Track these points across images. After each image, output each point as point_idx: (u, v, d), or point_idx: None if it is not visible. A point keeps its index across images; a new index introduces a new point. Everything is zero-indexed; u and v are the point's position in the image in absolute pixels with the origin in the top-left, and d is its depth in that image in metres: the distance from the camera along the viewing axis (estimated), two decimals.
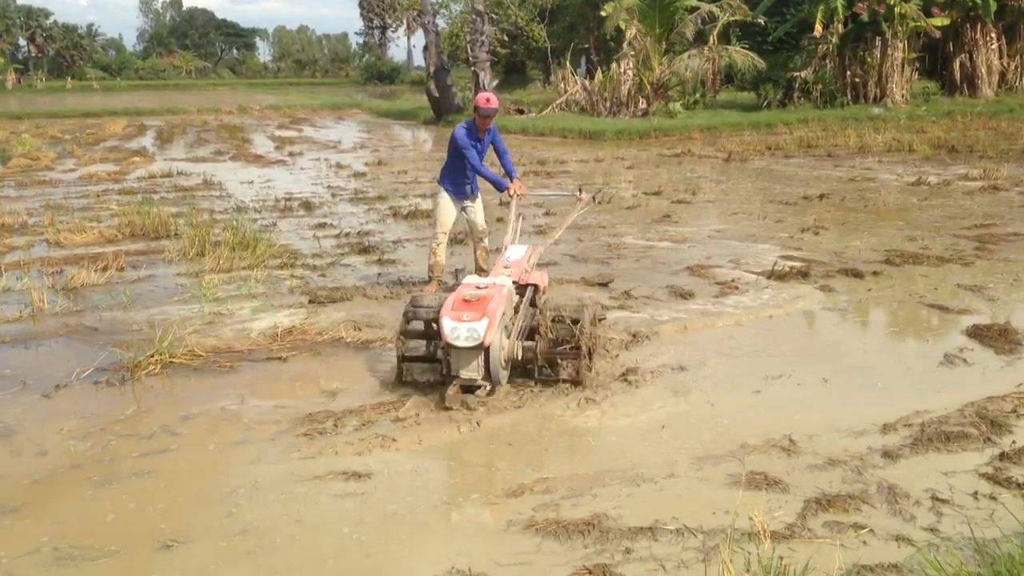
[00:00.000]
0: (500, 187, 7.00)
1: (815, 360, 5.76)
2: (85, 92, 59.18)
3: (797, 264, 8.21)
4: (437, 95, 29.24)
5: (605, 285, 7.64)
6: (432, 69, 29.09)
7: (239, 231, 9.50)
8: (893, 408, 4.87)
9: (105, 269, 8.39)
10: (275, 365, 5.91)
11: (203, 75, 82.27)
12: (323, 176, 16.36)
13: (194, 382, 5.60)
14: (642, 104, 26.25)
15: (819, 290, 7.45)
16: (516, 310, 5.42)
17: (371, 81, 69.43)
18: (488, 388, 4.96)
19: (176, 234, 10.18)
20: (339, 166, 17.79)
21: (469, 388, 4.96)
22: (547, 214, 11.18)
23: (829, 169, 15.68)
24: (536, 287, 5.70)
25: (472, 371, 4.90)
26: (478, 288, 5.12)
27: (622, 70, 26.47)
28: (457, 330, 4.77)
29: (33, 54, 74.13)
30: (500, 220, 9.98)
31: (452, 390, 4.94)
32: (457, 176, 7.24)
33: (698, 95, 28.24)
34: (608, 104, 26.87)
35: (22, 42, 74.72)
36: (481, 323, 4.75)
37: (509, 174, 7.16)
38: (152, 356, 5.81)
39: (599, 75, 28.66)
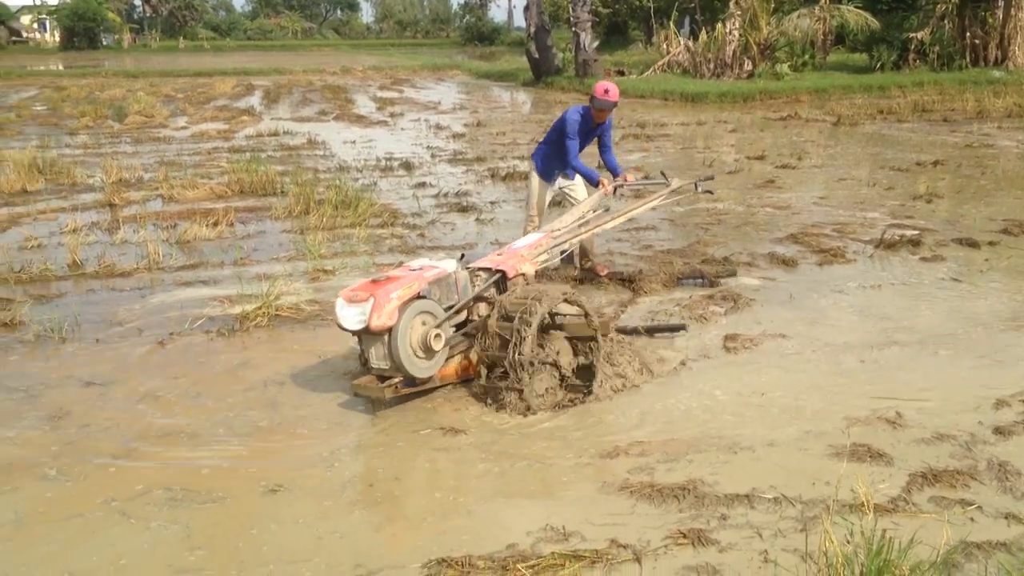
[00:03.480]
0: (593, 181, 6.45)
1: (925, 331, 5.56)
2: (196, 52, 61.04)
3: (908, 233, 7.91)
4: (537, 56, 29.04)
5: (731, 275, 6.79)
6: (532, 30, 28.87)
7: (342, 190, 9.69)
8: (1007, 382, 4.68)
9: (216, 224, 8.69)
10: None
11: (308, 36, 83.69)
12: (423, 137, 16.51)
13: (299, 335, 5.78)
14: (747, 66, 25.52)
15: (930, 260, 7.18)
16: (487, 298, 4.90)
17: (471, 42, 69.41)
18: (399, 380, 4.44)
19: (282, 192, 10.44)
20: (438, 127, 17.91)
21: (385, 379, 4.49)
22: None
23: (945, 135, 15.01)
24: (504, 274, 4.97)
25: (380, 360, 4.43)
26: (410, 269, 4.66)
27: (727, 30, 25.77)
28: (344, 310, 4.37)
29: (148, 14, 76.53)
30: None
31: (364, 379, 4.53)
32: (551, 158, 6.69)
33: (807, 56, 27.29)
34: (712, 66, 26.23)
35: (137, 2, 77.26)
36: (366, 304, 4.27)
37: (613, 172, 6.58)
38: (260, 308, 6.01)
39: (703, 36, 28.00)
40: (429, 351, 4.45)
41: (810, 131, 16.23)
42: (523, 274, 5.05)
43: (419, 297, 4.49)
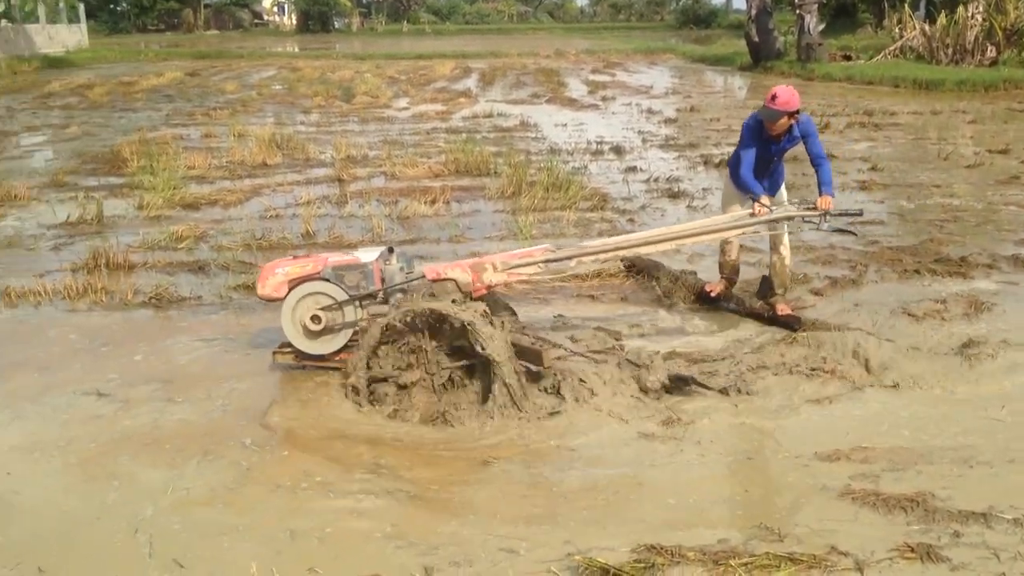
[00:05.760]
0: (752, 197, 5.32)
1: None
2: (418, 35, 63.53)
3: None
4: (757, 39, 28.01)
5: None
6: (754, 12, 27.86)
7: (553, 172, 9.78)
8: None
9: (433, 202, 9.02)
10: (586, 303, 6.12)
11: (523, 20, 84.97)
12: (634, 121, 16.37)
13: (546, 309, 5.98)
14: (991, 52, 23.49)
15: None
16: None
17: (686, 25, 67.99)
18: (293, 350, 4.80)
19: (495, 172, 10.67)
20: (650, 112, 17.70)
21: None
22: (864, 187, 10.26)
23: None
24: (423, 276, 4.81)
25: None
26: (344, 254, 4.91)
27: (969, 14, 23.82)
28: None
29: None
30: None
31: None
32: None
33: None
34: (950, 51, 24.34)
35: None
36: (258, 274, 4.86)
37: (820, 187, 5.32)
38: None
39: (941, 19, 26.01)
40: (309, 331, 4.68)
41: None
42: (452, 279, 4.80)
43: (320, 279, 4.68)
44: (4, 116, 17.63)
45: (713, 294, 5.89)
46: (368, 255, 4.84)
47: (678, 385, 4.49)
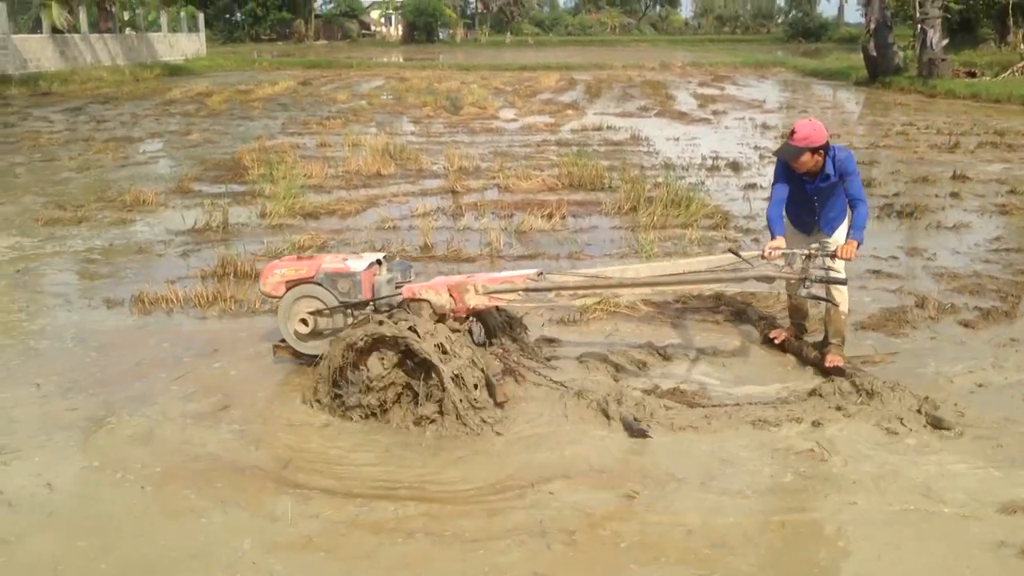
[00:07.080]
0: (772, 235, 4.90)
1: None
2: (520, 47, 63.84)
3: None
4: (875, 54, 27.10)
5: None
6: (873, 26, 26.93)
7: (672, 188, 9.54)
8: None
9: (550, 217, 8.89)
10: (711, 326, 5.94)
11: (626, 31, 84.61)
12: (748, 136, 15.98)
13: (637, 330, 5.83)
14: None
15: None
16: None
17: (795, 38, 66.55)
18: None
19: (610, 187, 10.48)
20: (765, 126, 17.27)
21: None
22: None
23: None
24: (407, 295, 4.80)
25: None
26: (343, 259, 4.99)
27: None
28: None
29: (479, 10, 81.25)
30: None
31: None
32: (793, 204, 5.12)
33: None
34: None
35: None
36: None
37: (849, 229, 4.89)
38: (600, 303, 6.05)
39: None
40: (299, 333, 4.88)
41: None
42: (426, 300, 4.72)
43: (314, 283, 4.84)
44: (128, 122, 18.31)
45: (776, 341, 5.54)
46: (359, 263, 4.91)
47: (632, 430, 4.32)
